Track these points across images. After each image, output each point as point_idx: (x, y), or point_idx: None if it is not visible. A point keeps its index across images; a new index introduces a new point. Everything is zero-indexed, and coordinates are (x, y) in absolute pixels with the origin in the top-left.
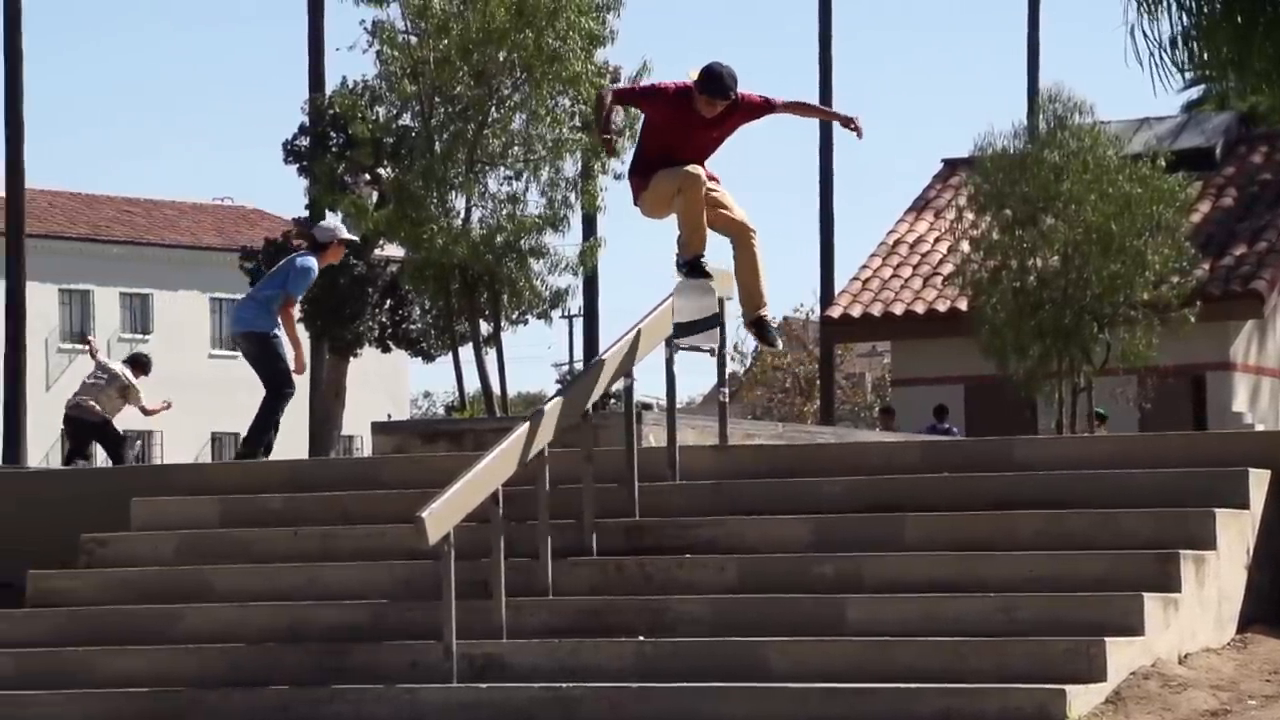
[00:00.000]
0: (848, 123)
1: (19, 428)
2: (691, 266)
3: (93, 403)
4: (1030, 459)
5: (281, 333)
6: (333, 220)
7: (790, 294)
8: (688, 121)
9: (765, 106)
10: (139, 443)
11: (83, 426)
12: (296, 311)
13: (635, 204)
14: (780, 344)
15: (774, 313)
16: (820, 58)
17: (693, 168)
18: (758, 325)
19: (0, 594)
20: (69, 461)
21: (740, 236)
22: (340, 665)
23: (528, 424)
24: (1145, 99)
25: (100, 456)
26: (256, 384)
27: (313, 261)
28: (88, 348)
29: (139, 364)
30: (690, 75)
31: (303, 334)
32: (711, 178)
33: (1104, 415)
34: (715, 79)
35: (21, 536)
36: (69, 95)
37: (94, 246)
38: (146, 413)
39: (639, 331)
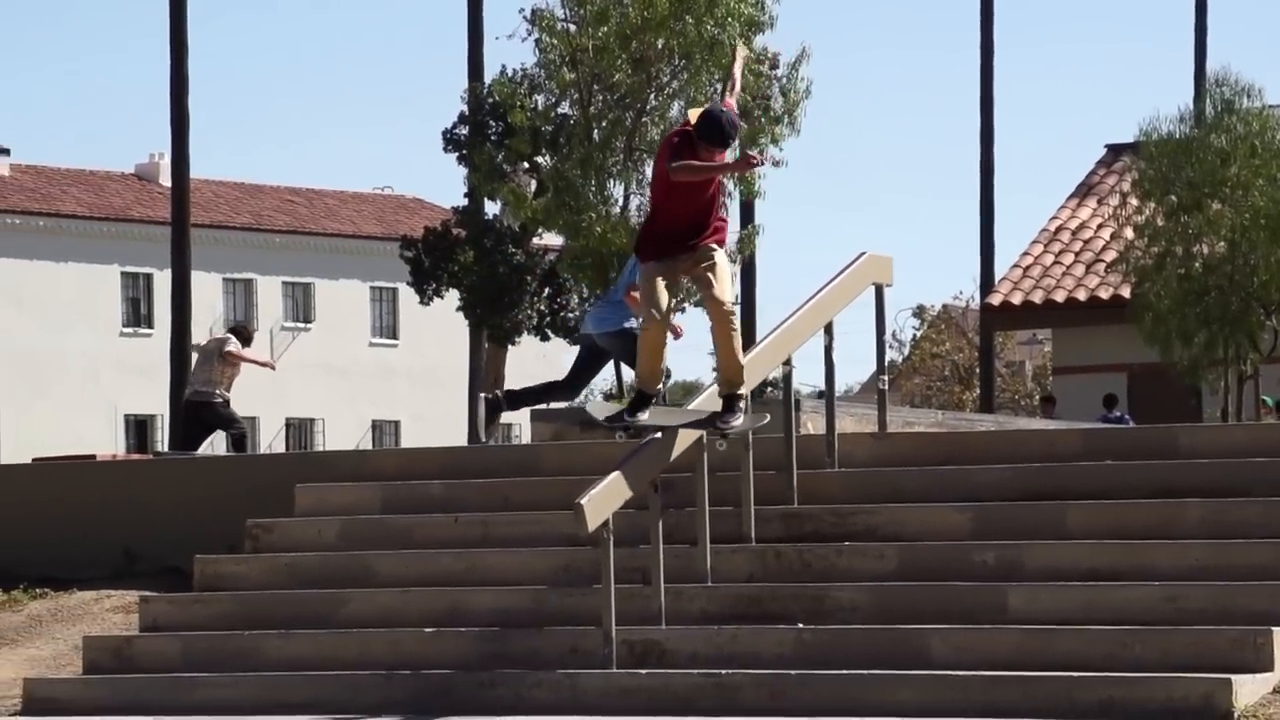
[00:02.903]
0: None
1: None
2: (634, 402)
3: (207, 385)
4: (1195, 447)
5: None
6: None
7: (950, 281)
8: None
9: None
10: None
11: (207, 410)
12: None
13: None
14: (740, 422)
15: (932, 300)
16: (982, 41)
17: (658, 313)
18: (726, 401)
19: (168, 578)
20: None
21: (713, 315)
22: (500, 650)
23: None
24: None
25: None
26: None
27: None
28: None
29: (238, 331)
30: (690, 115)
31: (461, 323)
32: (710, 247)
33: None
34: (715, 128)
35: (188, 522)
36: (232, 86)
37: (257, 236)
38: (248, 360)
39: (798, 319)
